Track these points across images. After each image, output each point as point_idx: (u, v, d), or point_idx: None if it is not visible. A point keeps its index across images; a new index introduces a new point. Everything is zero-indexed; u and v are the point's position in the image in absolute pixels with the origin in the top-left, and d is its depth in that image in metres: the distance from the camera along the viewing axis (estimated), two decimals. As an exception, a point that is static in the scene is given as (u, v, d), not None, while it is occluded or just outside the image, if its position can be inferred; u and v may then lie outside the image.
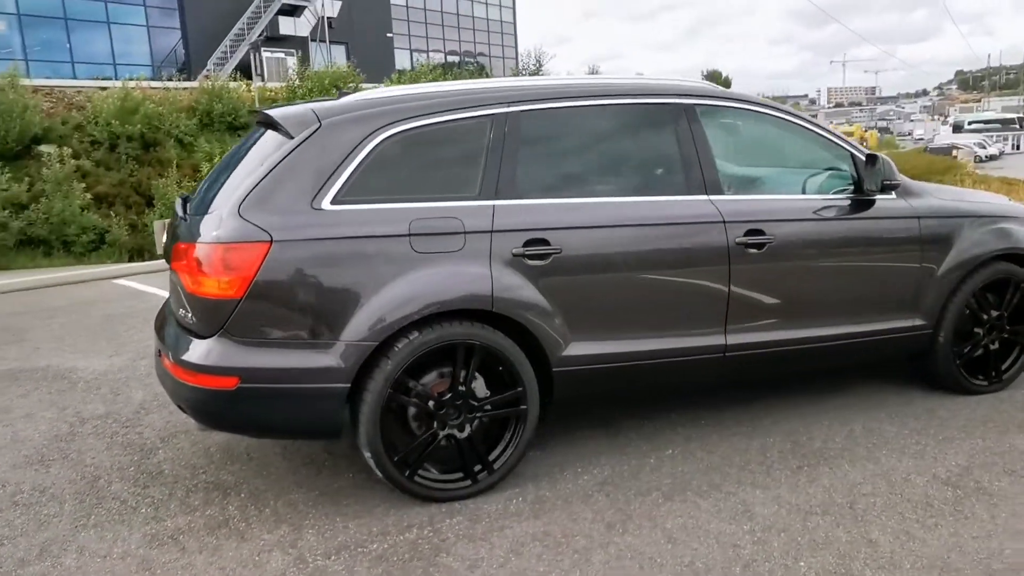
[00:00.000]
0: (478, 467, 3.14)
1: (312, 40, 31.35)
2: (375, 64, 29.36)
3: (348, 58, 33.22)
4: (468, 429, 3.10)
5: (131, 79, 20.40)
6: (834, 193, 3.78)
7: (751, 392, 4.18)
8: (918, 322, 3.91)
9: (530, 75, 25.44)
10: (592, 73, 33.05)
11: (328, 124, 3.01)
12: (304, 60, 27.57)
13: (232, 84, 22.42)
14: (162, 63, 27.02)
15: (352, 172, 2.98)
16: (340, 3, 32.37)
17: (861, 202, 3.74)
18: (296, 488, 3.28)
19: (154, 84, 21.04)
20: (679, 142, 3.45)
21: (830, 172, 3.84)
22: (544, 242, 3.12)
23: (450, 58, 39.05)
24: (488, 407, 3.13)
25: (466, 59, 39.83)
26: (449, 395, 3.05)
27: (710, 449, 3.55)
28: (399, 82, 21.67)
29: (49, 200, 15.65)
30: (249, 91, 22.87)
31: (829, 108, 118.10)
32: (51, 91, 19.82)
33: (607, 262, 3.26)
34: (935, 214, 3.91)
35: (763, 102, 3.79)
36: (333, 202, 2.94)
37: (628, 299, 3.32)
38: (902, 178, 3.91)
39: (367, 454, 2.99)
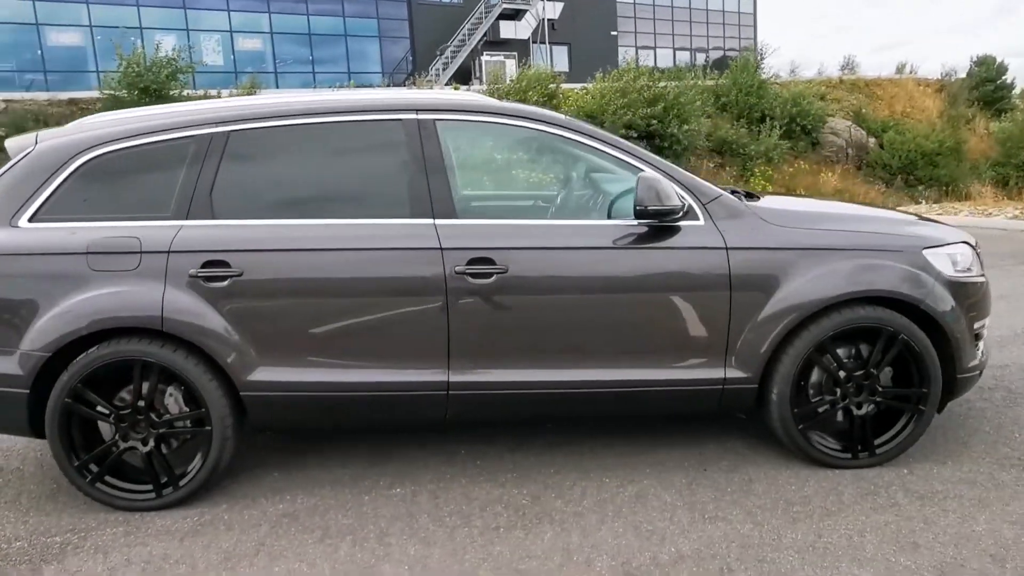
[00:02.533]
0: (164, 481, 3.20)
1: (533, 42, 32.25)
2: (598, 63, 29.53)
3: (570, 59, 33.74)
4: (151, 444, 3.17)
5: (361, 87, 22.45)
6: (615, 219, 3.28)
7: (544, 433, 3.77)
8: (735, 374, 3.26)
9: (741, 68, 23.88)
10: (846, 67, 30.08)
11: (40, 147, 3.24)
12: (524, 63, 28.48)
13: (436, 88, 23.82)
14: (393, 70, 29.44)
15: (52, 192, 3.18)
16: (562, 4, 32.92)
17: (654, 229, 3.20)
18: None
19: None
20: (405, 161, 3.21)
21: (626, 195, 3.32)
22: (224, 264, 3.09)
23: (680, 54, 38.02)
24: (169, 425, 3.18)
25: (698, 53, 38.54)
26: (129, 410, 3.15)
27: (431, 494, 3.27)
28: (610, 80, 21.47)
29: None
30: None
31: None
32: (282, 100, 22.55)
33: (297, 287, 3.14)
34: (757, 246, 3.23)
35: (538, 115, 3.36)
36: (31, 220, 3.16)
37: (326, 327, 3.16)
38: (728, 201, 3.29)
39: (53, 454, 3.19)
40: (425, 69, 28.80)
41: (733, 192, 4.08)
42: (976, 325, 3.43)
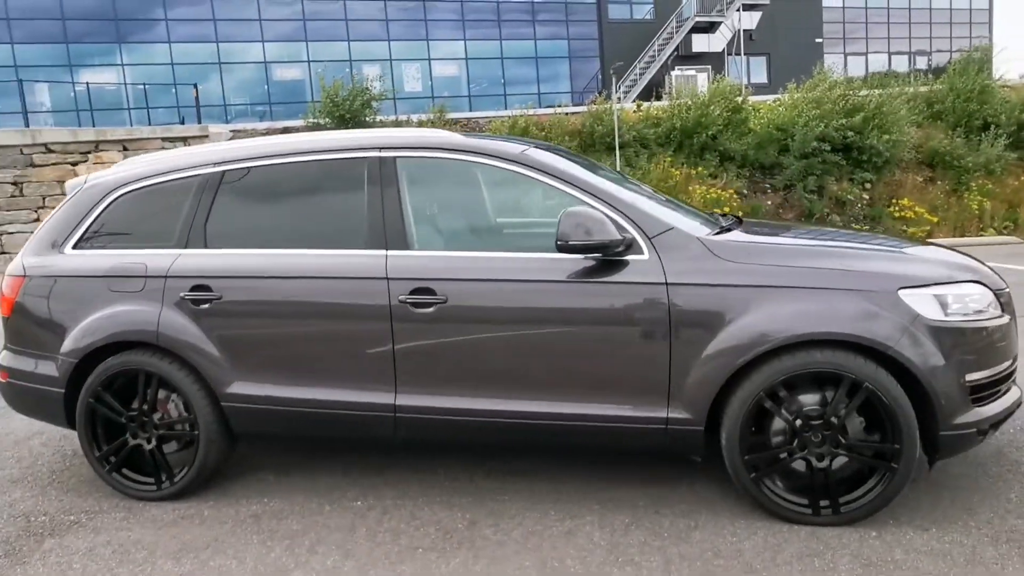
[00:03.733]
0: (163, 476, 3.67)
1: (728, 55, 31.28)
2: (800, 73, 28.15)
3: (769, 70, 32.31)
4: (153, 443, 3.65)
5: (550, 107, 23.18)
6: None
7: (531, 458, 3.79)
8: (677, 414, 3.14)
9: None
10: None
11: (86, 186, 3.87)
12: (718, 76, 27.78)
13: (616, 106, 23.91)
14: (583, 89, 29.89)
15: (90, 224, 3.78)
16: (760, 14, 31.62)
17: (601, 263, 3.17)
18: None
19: (543, 111, 23.61)
20: (367, 195, 3.44)
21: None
22: (207, 288, 3.51)
23: (896, 59, 35.02)
24: (169, 427, 3.64)
25: (918, 57, 35.29)
26: (136, 413, 3.65)
27: (383, 510, 3.45)
28: (804, 91, 20.54)
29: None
30: (638, 111, 24.11)
31: None
32: (467, 122, 23.74)
33: (265, 310, 3.48)
34: (699, 282, 3.09)
35: (490, 150, 3.43)
36: (74, 247, 3.79)
37: (290, 347, 3.48)
38: (676, 235, 3.20)
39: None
40: (613, 87, 28.95)
41: (723, 217, 3.93)
42: (974, 376, 3.03)
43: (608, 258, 3.17)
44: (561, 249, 3.09)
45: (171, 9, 25.60)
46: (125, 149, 18.29)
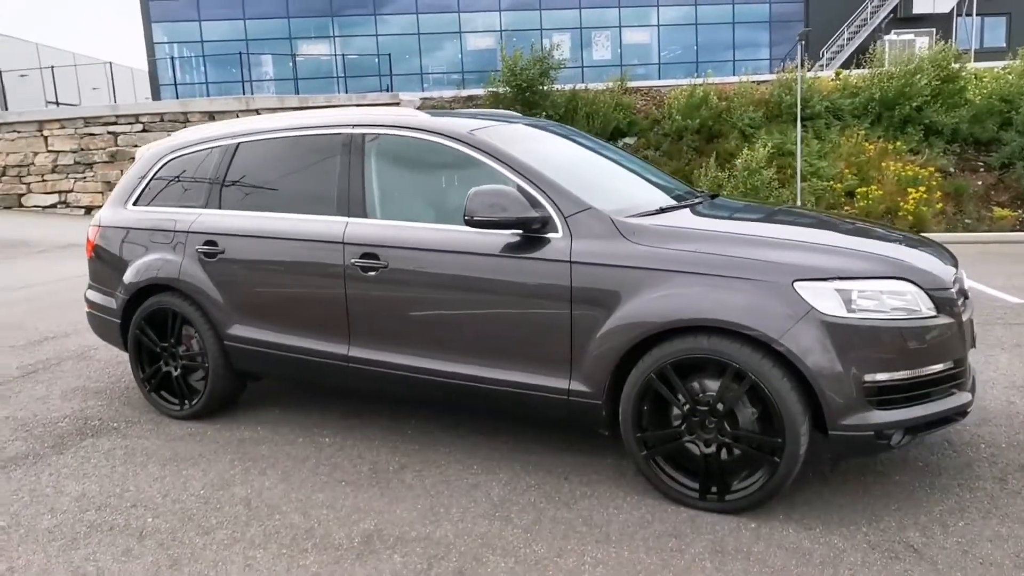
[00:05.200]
0: (185, 400, 4.37)
1: (958, 15, 27.98)
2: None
3: (1008, 31, 28.56)
4: (178, 371, 4.36)
5: (737, 76, 22.36)
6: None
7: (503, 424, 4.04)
8: (578, 387, 3.28)
9: None
10: None
11: (145, 153, 4.62)
12: (944, 40, 25.09)
13: (809, 74, 22.41)
14: (785, 56, 28.22)
15: (145, 185, 4.54)
16: (1001, -33, 27.89)
17: (524, 239, 3.36)
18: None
19: (728, 79, 22.67)
20: (339, 167, 3.85)
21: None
22: (215, 244, 4.12)
23: None
24: (190, 359, 4.32)
25: None
26: (166, 344, 4.37)
27: (340, 448, 3.90)
28: None
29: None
30: (836, 79, 22.47)
31: None
32: (648, 91, 23.40)
33: (254, 264, 4.02)
34: (600, 261, 3.19)
35: (441, 128, 3.67)
36: (133, 204, 4.56)
37: (273, 299, 4.00)
38: (590, 215, 3.30)
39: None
40: (817, 55, 27.13)
41: (711, 196, 4.00)
42: (878, 377, 2.89)
43: (530, 235, 3.34)
44: (468, 224, 3.31)
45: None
46: (324, 115, 20.14)
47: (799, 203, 18.33)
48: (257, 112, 18.98)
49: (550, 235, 3.32)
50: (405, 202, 3.83)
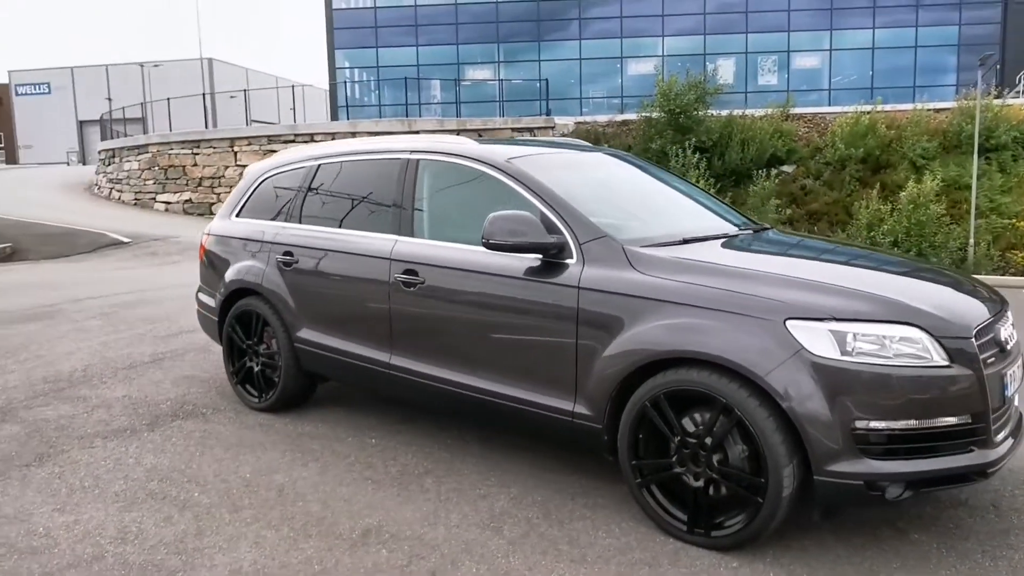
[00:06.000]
0: (263, 393, 4.85)
1: None
2: None
3: None
4: (258, 367, 4.85)
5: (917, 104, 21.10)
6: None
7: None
8: (581, 410, 3.37)
9: None
10: None
11: (250, 171, 5.18)
12: None
13: (996, 102, 20.60)
14: (972, 83, 26.11)
15: (246, 199, 5.10)
16: None
17: (544, 263, 3.51)
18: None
19: (902, 107, 21.28)
20: (395, 189, 4.17)
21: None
22: (291, 254, 4.57)
23: None
24: (269, 357, 4.79)
25: None
26: (252, 343, 4.87)
27: (381, 449, 4.19)
28: None
29: (749, 214, 18.46)
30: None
31: None
32: (812, 117, 22.42)
33: (321, 275, 4.42)
34: (606, 289, 3.28)
35: (481, 157, 3.87)
36: (236, 215, 5.14)
37: (334, 307, 4.38)
38: (603, 243, 3.39)
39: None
40: (1013, 81, 24.89)
41: (757, 227, 4.03)
42: (870, 425, 2.77)
43: (549, 260, 3.48)
44: (485, 246, 3.49)
45: (543, 21, 28.26)
46: (480, 136, 21.03)
47: (970, 241, 16.91)
48: (417, 134, 20.16)
49: (567, 261, 3.44)
50: (447, 224, 4.08)
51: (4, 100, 57.06)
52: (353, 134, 20.46)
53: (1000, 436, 3.00)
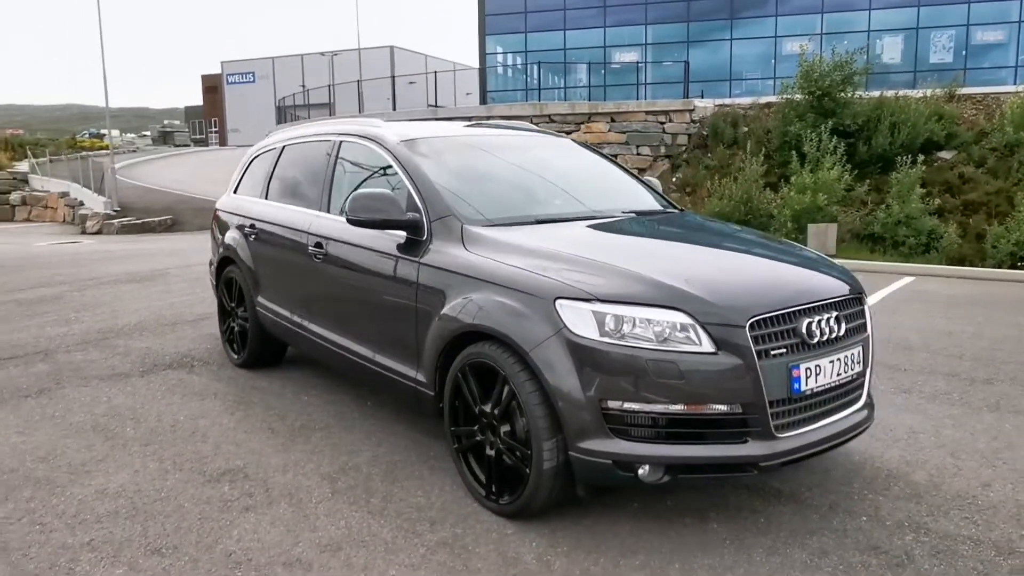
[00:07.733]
0: (238, 351, 5.44)
1: None
2: None
3: None
4: (236, 329, 5.44)
5: None
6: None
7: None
8: (420, 377, 3.60)
9: None
10: None
11: (248, 150, 5.76)
12: None
13: None
14: None
15: (241, 178, 5.70)
16: None
17: (408, 241, 3.72)
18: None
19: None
20: (324, 169, 4.54)
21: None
22: (253, 227, 5.09)
23: None
24: (240, 319, 5.37)
25: None
26: (230, 308, 5.47)
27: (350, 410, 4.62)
28: None
29: (891, 203, 17.02)
30: None
31: None
32: (983, 98, 20.17)
33: (269, 245, 4.90)
34: (436, 264, 3.48)
35: (378, 138, 4.14)
36: (234, 192, 5.75)
37: (273, 274, 4.87)
38: (448, 222, 3.58)
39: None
40: None
41: (679, 211, 4.09)
42: (618, 405, 2.80)
43: (412, 237, 3.71)
44: (348, 222, 3.76)
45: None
46: (612, 120, 20.97)
47: None
48: (549, 118, 20.49)
49: (421, 238, 3.65)
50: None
51: (218, 88, 63.67)
52: (488, 118, 21.07)
53: (792, 431, 2.89)
